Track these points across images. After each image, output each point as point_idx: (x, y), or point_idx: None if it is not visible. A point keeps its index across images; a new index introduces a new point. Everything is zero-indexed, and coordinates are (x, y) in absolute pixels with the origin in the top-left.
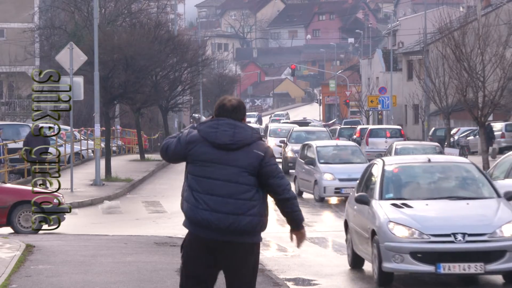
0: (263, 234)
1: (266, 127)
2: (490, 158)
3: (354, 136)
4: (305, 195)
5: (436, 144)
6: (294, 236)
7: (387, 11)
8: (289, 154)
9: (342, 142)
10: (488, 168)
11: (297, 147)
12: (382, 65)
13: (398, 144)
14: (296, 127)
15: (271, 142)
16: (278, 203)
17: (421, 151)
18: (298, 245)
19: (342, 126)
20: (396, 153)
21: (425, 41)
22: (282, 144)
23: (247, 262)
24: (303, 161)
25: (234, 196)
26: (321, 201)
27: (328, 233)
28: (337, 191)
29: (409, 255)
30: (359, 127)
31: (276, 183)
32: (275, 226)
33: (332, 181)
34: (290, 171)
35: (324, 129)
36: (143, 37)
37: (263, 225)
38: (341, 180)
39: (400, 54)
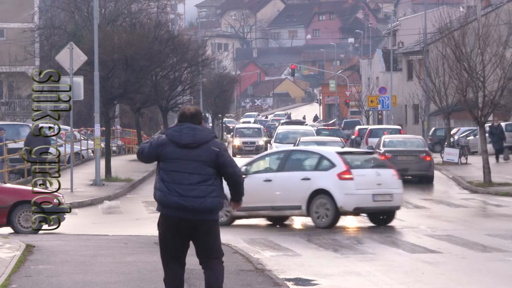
0: (268, 235)
1: (268, 126)
2: (502, 160)
3: (353, 136)
4: None
5: (421, 137)
6: (233, 204)
7: (387, 11)
8: None
9: None
10: (489, 170)
11: None
12: (382, 65)
13: (386, 137)
14: (303, 138)
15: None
16: (231, 185)
17: (407, 144)
18: (234, 209)
19: (318, 127)
20: (384, 146)
21: (425, 41)
22: None
23: (211, 234)
24: None
25: (198, 184)
26: None
27: (328, 233)
28: None
29: None
30: (357, 127)
31: (232, 171)
32: (278, 226)
33: None
34: None
35: (337, 138)
36: (143, 37)
37: (221, 205)
38: None
39: (400, 54)
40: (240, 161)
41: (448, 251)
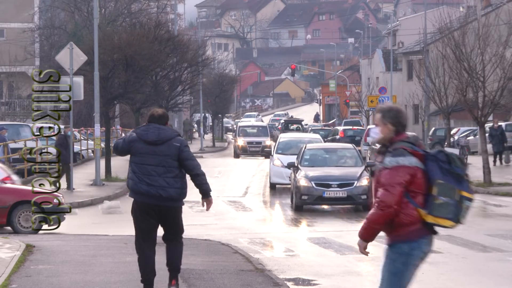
0: (268, 235)
1: (268, 126)
2: (504, 163)
3: (337, 137)
4: None
5: (414, 134)
6: (205, 202)
7: (387, 11)
8: (302, 182)
9: None
10: (489, 170)
11: (313, 172)
12: (382, 65)
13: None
14: (310, 144)
15: (278, 163)
16: (192, 177)
17: None
18: (208, 209)
19: (313, 128)
20: None
21: (425, 41)
22: (292, 168)
23: (174, 218)
24: None
25: (162, 175)
26: None
27: (328, 233)
28: None
29: None
30: (341, 128)
31: (190, 163)
32: (278, 226)
33: None
34: (304, 206)
35: (350, 145)
36: (143, 37)
37: (183, 195)
38: None
39: (400, 54)
40: (243, 163)
41: (448, 251)
